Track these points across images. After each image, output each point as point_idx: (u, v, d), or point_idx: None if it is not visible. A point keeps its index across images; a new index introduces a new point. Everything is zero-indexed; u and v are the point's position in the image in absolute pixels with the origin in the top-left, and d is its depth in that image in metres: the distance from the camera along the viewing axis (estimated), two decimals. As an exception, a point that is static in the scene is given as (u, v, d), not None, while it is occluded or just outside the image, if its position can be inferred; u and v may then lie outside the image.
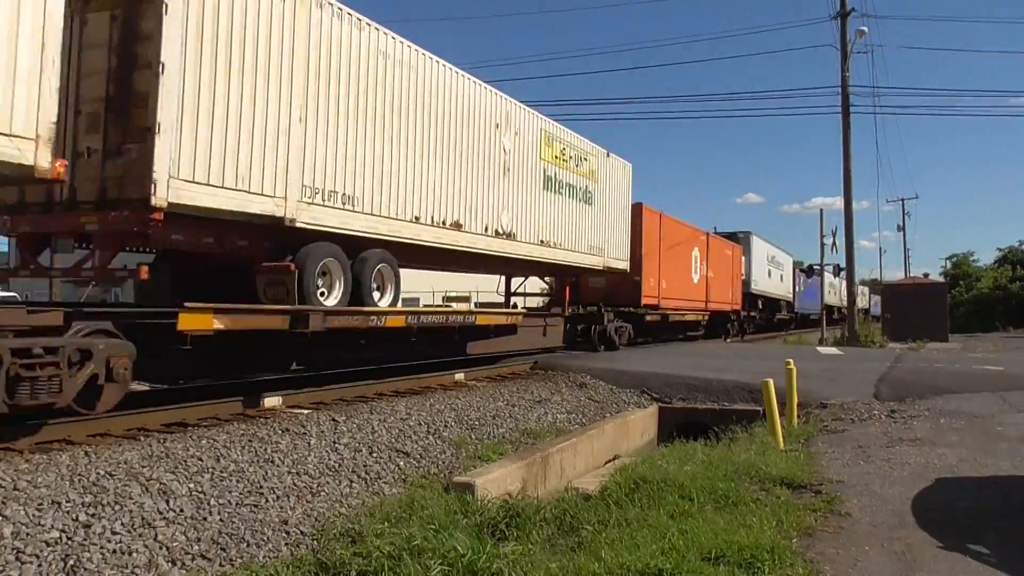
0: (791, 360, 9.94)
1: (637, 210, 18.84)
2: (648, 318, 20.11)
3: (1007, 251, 63.88)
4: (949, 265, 73.20)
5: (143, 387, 8.81)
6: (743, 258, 30.55)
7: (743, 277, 30.18)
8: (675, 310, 22.22)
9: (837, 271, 42.74)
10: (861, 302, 51.91)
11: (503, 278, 16.88)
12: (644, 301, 19.25)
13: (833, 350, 21.73)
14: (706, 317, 25.62)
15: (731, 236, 30.36)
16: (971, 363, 16.21)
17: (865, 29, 26.65)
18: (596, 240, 16.09)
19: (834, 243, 35.87)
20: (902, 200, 59.48)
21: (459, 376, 11.49)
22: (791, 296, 41.43)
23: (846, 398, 10.75)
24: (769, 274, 35.41)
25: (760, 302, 34.23)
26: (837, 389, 11.47)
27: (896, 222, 64.06)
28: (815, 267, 46.22)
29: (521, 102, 13.66)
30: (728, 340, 27.13)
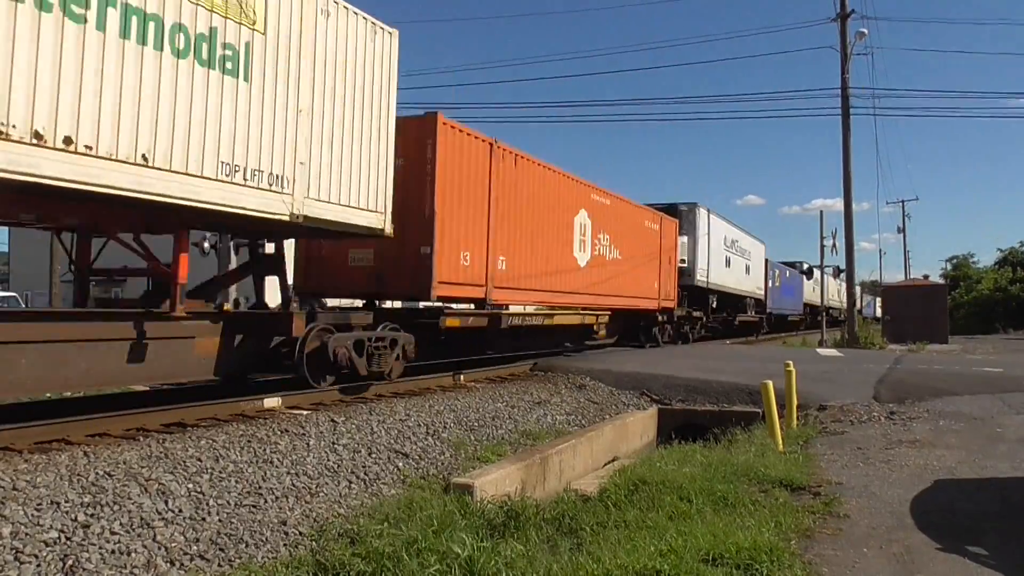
0: (790, 362, 9.96)
1: (424, 126, 10.54)
2: (448, 322, 11.15)
3: (1007, 252, 63.84)
4: (949, 267, 73.29)
5: (143, 387, 8.83)
6: (682, 239, 22.97)
7: (682, 264, 22.74)
8: (530, 305, 14.03)
9: (837, 273, 42.63)
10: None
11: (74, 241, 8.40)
12: (440, 291, 10.66)
13: (833, 352, 21.72)
14: (606, 318, 17.04)
15: (668, 209, 22.67)
16: (971, 365, 16.20)
17: (865, 31, 26.68)
18: (263, 159, 7.49)
19: (834, 244, 35.92)
20: (902, 202, 59.68)
21: (459, 377, 11.48)
22: (761, 292, 33.82)
23: (845, 400, 10.75)
24: (727, 262, 27.87)
25: (713, 299, 26.57)
26: (836, 391, 11.47)
27: (896, 224, 64.08)
28: (806, 265, 45.70)
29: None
30: (649, 347, 20.29)
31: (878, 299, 53.70)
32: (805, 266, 44.76)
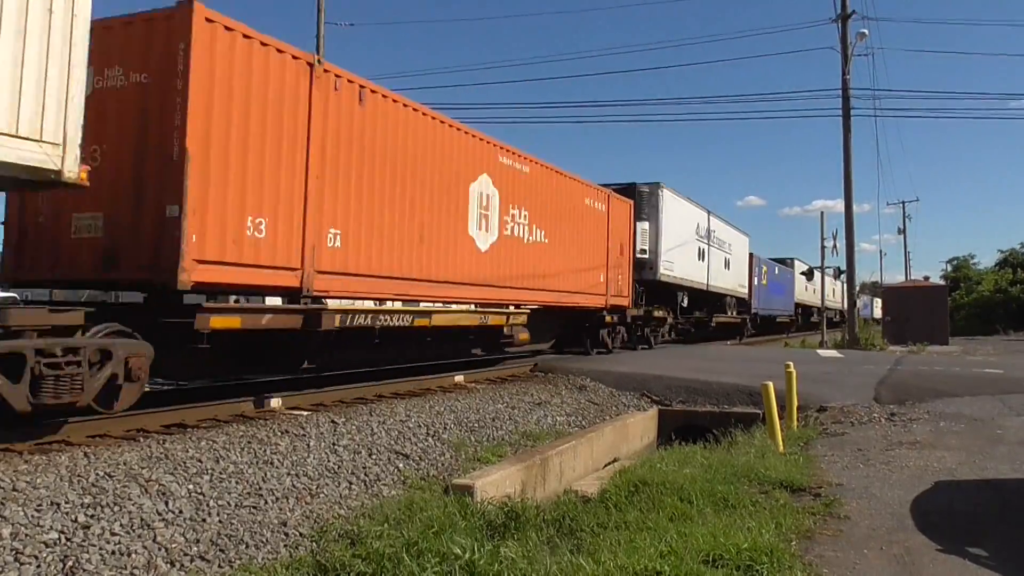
0: (791, 363, 9.97)
1: (173, 25, 7.03)
2: (215, 321, 7.31)
3: (1008, 253, 63.76)
4: (949, 268, 73.15)
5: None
6: (642, 224, 19.55)
7: (642, 255, 19.42)
8: (391, 300, 10.50)
9: (837, 274, 42.40)
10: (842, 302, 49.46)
11: None
12: (200, 274, 7.04)
13: (833, 353, 21.72)
14: (522, 318, 13.42)
15: (625, 189, 19.17)
16: (971, 366, 16.19)
17: (866, 32, 26.68)
18: None
19: (835, 246, 35.84)
20: (903, 203, 59.63)
21: (459, 378, 11.48)
22: (745, 290, 30.87)
23: (846, 401, 10.76)
24: (701, 254, 24.59)
25: (682, 296, 22.87)
26: (837, 392, 11.48)
27: (897, 225, 64.10)
28: (800, 264, 44.78)
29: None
30: (596, 353, 17.03)
31: (875, 300, 52.87)
32: (802, 267, 43.26)
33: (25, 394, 5.65)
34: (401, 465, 7.19)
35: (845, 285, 32.08)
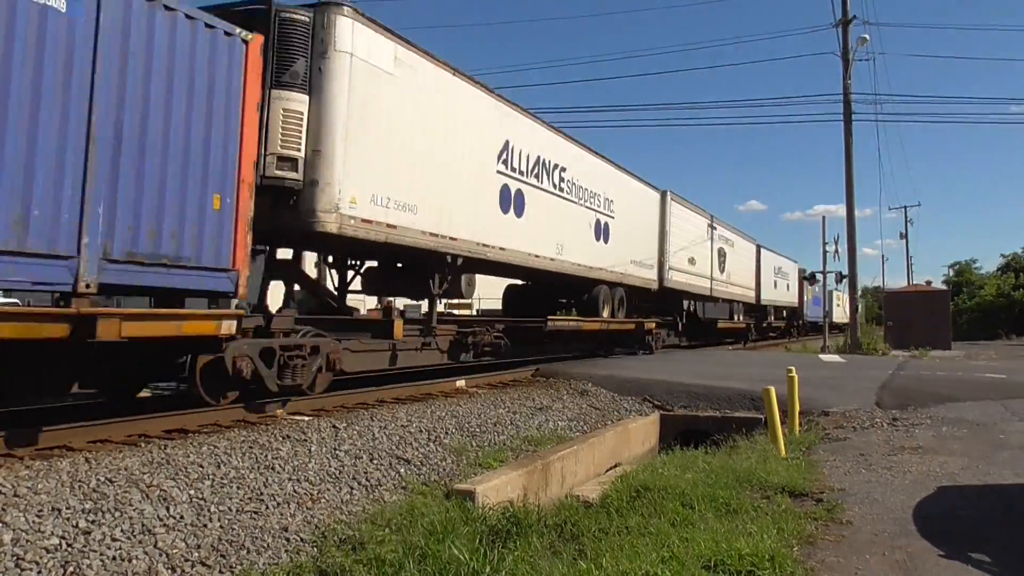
0: (792, 368, 9.96)
1: None
2: None
3: (1010, 258, 63.74)
4: (952, 273, 73.10)
5: (144, 392, 8.83)
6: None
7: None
8: None
9: (839, 278, 42.24)
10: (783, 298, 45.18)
11: None
12: None
13: (835, 358, 21.72)
14: None
15: None
16: (973, 371, 16.17)
17: (867, 36, 26.75)
18: None
19: (836, 250, 35.77)
20: (905, 207, 59.53)
21: (460, 383, 11.48)
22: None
23: (848, 406, 10.74)
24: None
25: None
26: (839, 397, 11.46)
27: (899, 229, 64.02)
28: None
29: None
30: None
31: (835, 294, 48.13)
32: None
33: None
34: (402, 470, 7.19)
35: (817, 286, 31.58)
